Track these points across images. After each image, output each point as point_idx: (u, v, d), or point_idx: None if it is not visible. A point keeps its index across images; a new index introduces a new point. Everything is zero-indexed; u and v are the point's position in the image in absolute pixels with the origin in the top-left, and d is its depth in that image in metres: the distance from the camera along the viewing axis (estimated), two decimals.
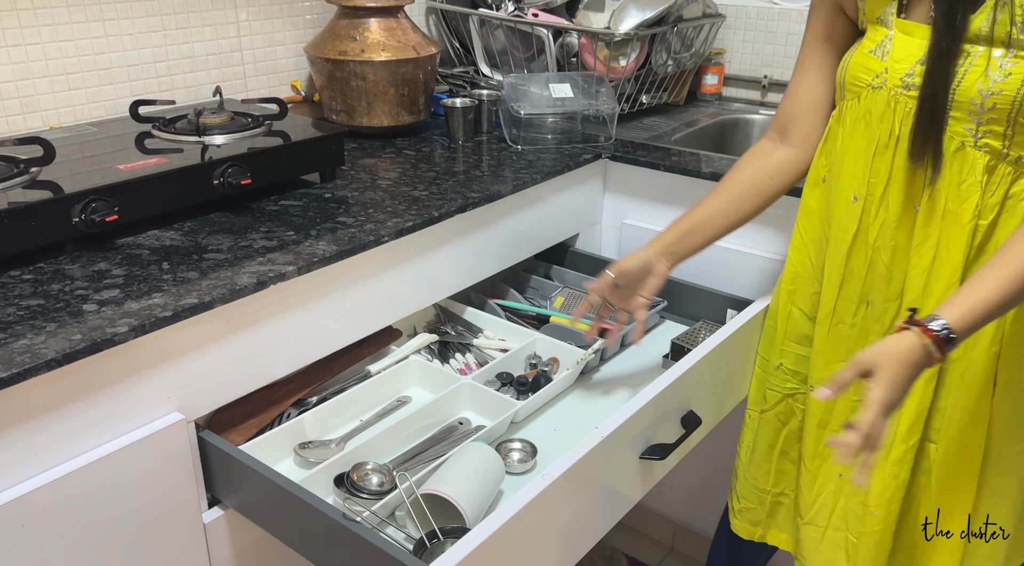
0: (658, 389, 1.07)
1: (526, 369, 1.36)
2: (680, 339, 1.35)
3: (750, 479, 1.30)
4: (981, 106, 0.94)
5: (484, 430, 1.14)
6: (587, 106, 1.67)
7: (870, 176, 1.05)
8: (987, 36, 0.93)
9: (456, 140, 1.67)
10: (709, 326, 1.39)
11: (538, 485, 0.89)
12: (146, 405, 1.00)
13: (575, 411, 1.27)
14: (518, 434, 1.21)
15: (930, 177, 0.99)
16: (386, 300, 1.27)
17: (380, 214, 1.27)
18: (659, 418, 1.10)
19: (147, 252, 1.13)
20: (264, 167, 1.30)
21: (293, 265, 1.09)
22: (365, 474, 1.06)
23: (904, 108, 1.00)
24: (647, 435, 1.09)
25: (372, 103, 1.65)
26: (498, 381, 1.29)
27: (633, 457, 1.08)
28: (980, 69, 0.94)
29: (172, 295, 1.00)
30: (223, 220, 1.25)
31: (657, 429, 1.11)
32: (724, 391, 1.28)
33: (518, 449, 1.17)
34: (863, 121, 1.05)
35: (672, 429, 1.15)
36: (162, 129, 1.36)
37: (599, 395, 1.31)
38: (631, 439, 1.05)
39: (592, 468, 0.98)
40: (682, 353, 1.33)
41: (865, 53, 1.05)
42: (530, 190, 1.47)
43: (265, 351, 1.11)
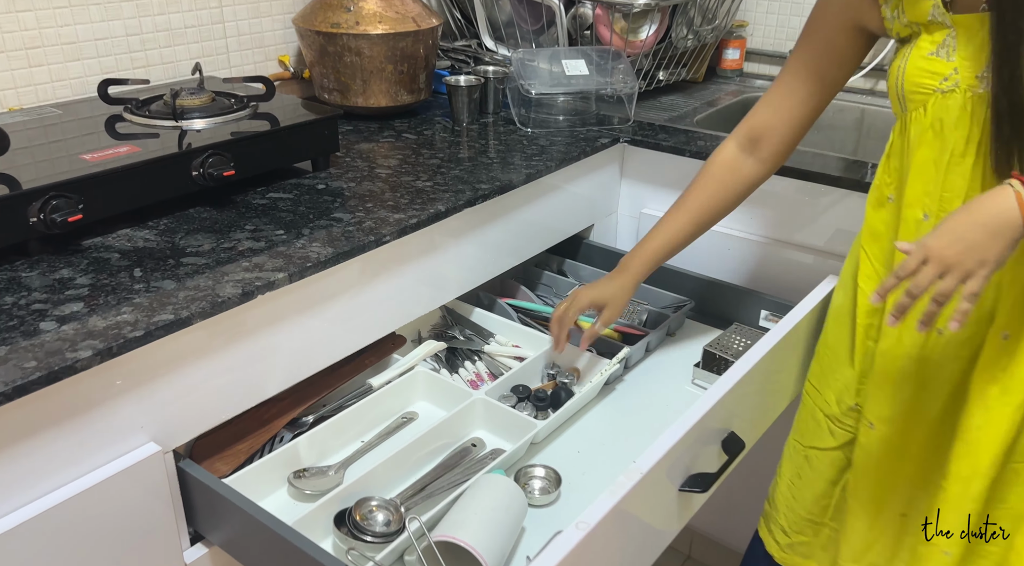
0: (700, 413, 0.95)
1: (543, 380, 1.23)
2: (714, 346, 1.23)
3: (800, 512, 1.19)
4: None
5: (502, 456, 1.02)
6: (604, 85, 1.53)
7: (943, 190, 0.93)
8: None
9: (460, 122, 1.53)
10: (743, 331, 1.27)
11: (573, 536, 0.77)
12: (116, 437, 0.87)
13: (600, 429, 1.15)
14: (538, 457, 1.09)
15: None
16: (388, 305, 1.14)
17: (380, 208, 1.14)
18: (699, 444, 0.98)
19: (116, 256, 0.99)
20: (250, 155, 1.16)
21: (283, 271, 0.96)
22: (369, 511, 0.94)
23: (984, 110, 0.88)
24: (686, 464, 0.97)
25: (368, 81, 1.50)
26: (514, 396, 1.16)
27: (672, 490, 0.96)
28: None
29: (144, 309, 0.87)
30: (203, 216, 1.11)
31: (697, 456, 0.99)
32: (765, 407, 1.16)
33: (540, 477, 1.04)
34: (931, 130, 0.93)
35: (712, 454, 1.03)
36: (134, 112, 1.21)
37: (625, 410, 1.19)
38: (669, 470, 0.93)
39: (629, 508, 0.87)
40: (714, 362, 1.22)
41: (925, 56, 0.92)
42: (544, 179, 1.33)
43: (252, 369, 0.98)
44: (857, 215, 1.31)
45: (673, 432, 0.92)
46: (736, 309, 1.37)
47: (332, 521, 0.92)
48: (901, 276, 0.83)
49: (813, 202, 1.36)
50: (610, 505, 0.81)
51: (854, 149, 1.78)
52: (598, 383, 1.16)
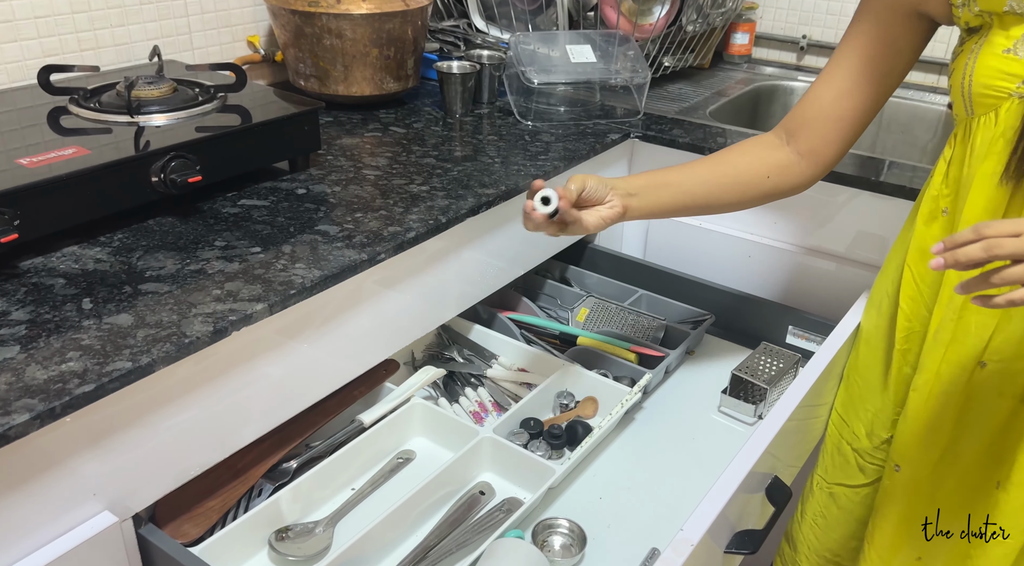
0: (748, 464, 0.82)
1: (556, 411, 1.10)
2: (742, 371, 1.10)
3: (824, 553, 1.09)
4: None
5: (519, 513, 0.88)
6: (612, 73, 1.39)
7: (1008, 210, 0.82)
8: None
9: (453, 113, 1.38)
10: (771, 352, 1.14)
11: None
12: (63, 508, 0.72)
13: (622, 469, 1.02)
14: (556, 506, 0.96)
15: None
16: (383, 329, 1.00)
17: (371, 219, 0.99)
18: (743, 494, 0.86)
19: (61, 282, 0.83)
20: (219, 157, 1.01)
21: (262, 301, 0.81)
22: None
23: None
24: (732, 521, 0.85)
25: (350, 67, 1.34)
26: (524, 432, 1.03)
27: (717, 553, 0.84)
28: None
29: (95, 355, 0.72)
30: (166, 230, 0.95)
31: (742, 509, 0.87)
32: (804, 444, 1.05)
33: (561, 533, 0.91)
34: (1003, 139, 0.81)
35: (756, 505, 0.91)
36: (82, 104, 1.05)
37: (648, 444, 1.06)
38: (716, 532, 0.81)
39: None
40: (743, 387, 1.09)
41: (999, 54, 0.79)
42: (551, 180, 1.19)
43: (225, 417, 0.84)
44: (878, 217, 1.20)
45: (722, 489, 0.79)
46: (760, 324, 1.25)
47: None
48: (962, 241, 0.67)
49: (829, 202, 1.24)
50: None
51: (871, 145, 1.66)
52: (618, 415, 1.03)
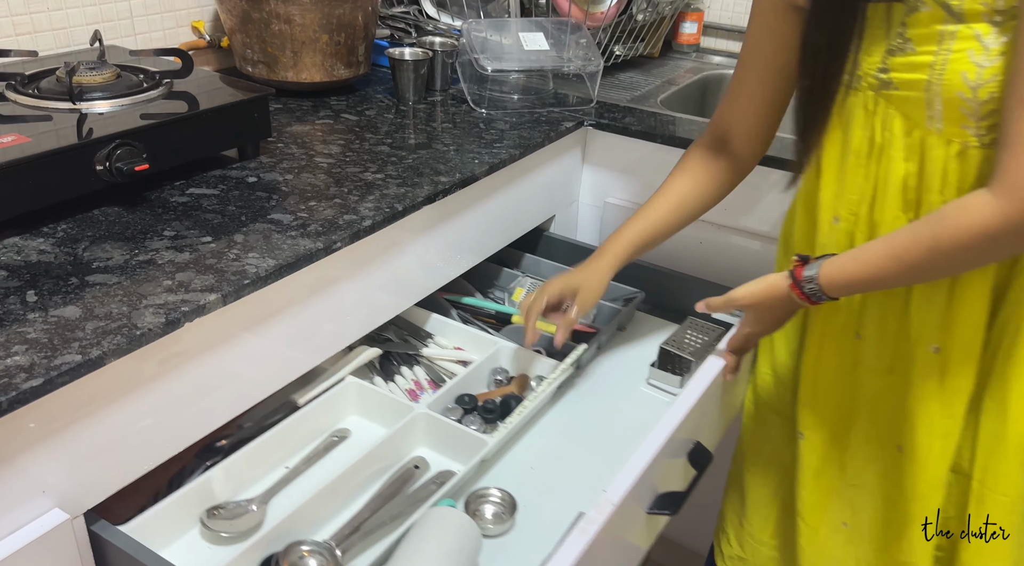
0: (669, 429, 0.86)
1: (491, 387, 1.11)
2: (670, 345, 1.13)
3: (745, 526, 1.12)
4: (975, 99, 0.74)
5: (450, 483, 0.90)
6: (564, 61, 1.39)
7: (851, 192, 0.87)
8: (959, 12, 0.72)
9: (406, 101, 1.37)
10: (698, 326, 1.18)
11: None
12: (12, 506, 0.70)
13: (553, 441, 1.04)
14: (488, 476, 0.97)
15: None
16: (339, 319, 0.99)
17: (326, 207, 0.98)
18: (666, 459, 0.90)
19: (3, 274, 0.81)
20: (166, 145, 0.98)
21: (216, 291, 0.80)
22: (300, 558, 0.81)
23: (884, 111, 0.81)
24: (654, 483, 0.88)
25: (299, 52, 1.32)
26: (459, 407, 1.04)
27: (640, 513, 0.87)
28: (962, 55, 0.73)
29: (42, 348, 0.70)
30: (112, 220, 0.93)
31: (664, 473, 0.90)
32: (726, 411, 1.09)
33: (493, 502, 0.93)
34: (840, 129, 0.86)
35: (679, 469, 0.94)
36: (20, 90, 1.01)
37: (579, 417, 1.08)
38: (639, 493, 0.84)
39: (601, 542, 0.77)
40: (671, 361, 1.12)
41: None
42: (507, 169, 1.19)
43: (178, 410, 0.82)
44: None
45: (643, 453, 0.83)
46: (689, 300, 1.27)
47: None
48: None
49: (759, 183, 1.27)
50: (581, 546, 0.72)
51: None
52: (550, 388, 1.05)
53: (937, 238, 0.75)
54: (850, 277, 0.83)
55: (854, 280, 0.83)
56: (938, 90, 0.75)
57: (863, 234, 0.87)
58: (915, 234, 0.77)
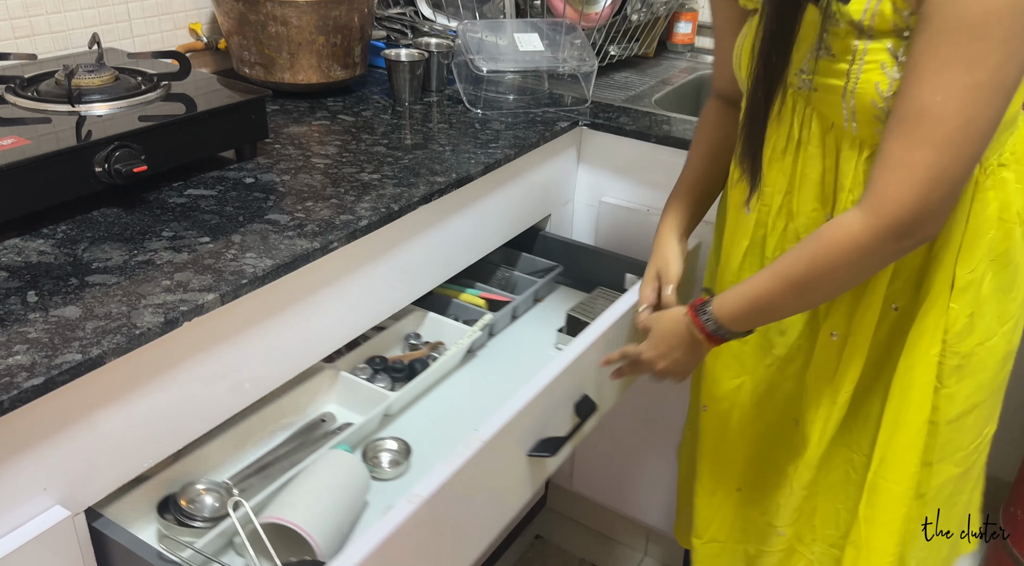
0: (549, 378, 0.90)
1: (405, 350, 1.17)
2: (576, 311, 1.20)
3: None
4: (886, 108, 0.76)
5: (349, 430, 0.96)
6: (559, 62, 1.40)
7: (766, 184, 0.91)
8: (869, 30, 0.74)
9: (402, 102, 1.38)
10: (607, 294, 1.24)
11: (404, 509, 0.73)
12: (14, 503, 0.71)
13: (457, 399, 1.11)
14: (390, 429, 1.03)
15: (746, 194, 0.90)
16: (336, 319, 1.00)
17: (322, 207, 0.99)
18: (551, 408, 0.94)
19: (4, 275, 0.82)
20: (164, 146, 0.99)
21: (214, 291, 0.81)
22: (196, 496, 0.87)
23: (803, 110, 0.85)
24: (537, 429, 0.92)
25: (296, 54, 1.33)
26: (369, 368, 1.11)
27: (521, 456, 0.91)
28: (875, 66, 0.75)
29: (43, 347, 0.71)
30: (111, 221, 0.94)
31: (549, 420, 0.94)
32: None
33: (390, 450, 1.00)
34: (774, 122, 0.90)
35: (566, 418, 0.98)
36: (19, 93, 1.02)
37: (485, 378, 1.15)
38: (518, 436, 0.89)
39: (471, 477, 0.81)
40: (579, 327, 1.14)
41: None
42: (503, 168, 1.20)
43: (177, 408, 0.83)
44: None
45: (519, 398, 0.87)
46: (603, 273, 1.33)
47: (155, 508, 0.86)
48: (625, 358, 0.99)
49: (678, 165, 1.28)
50: (445, 476, 0.77)
51: None
52: (457, 351, 1.12)
53: (814, 254, 0.78)
54: (740, 301, 0.85)
55: (745, 305, 0.84)
56: (852, 97, 0.77)
57: (776, 225, 0.91)
58: (795, 253, 0.80)
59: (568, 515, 1.82)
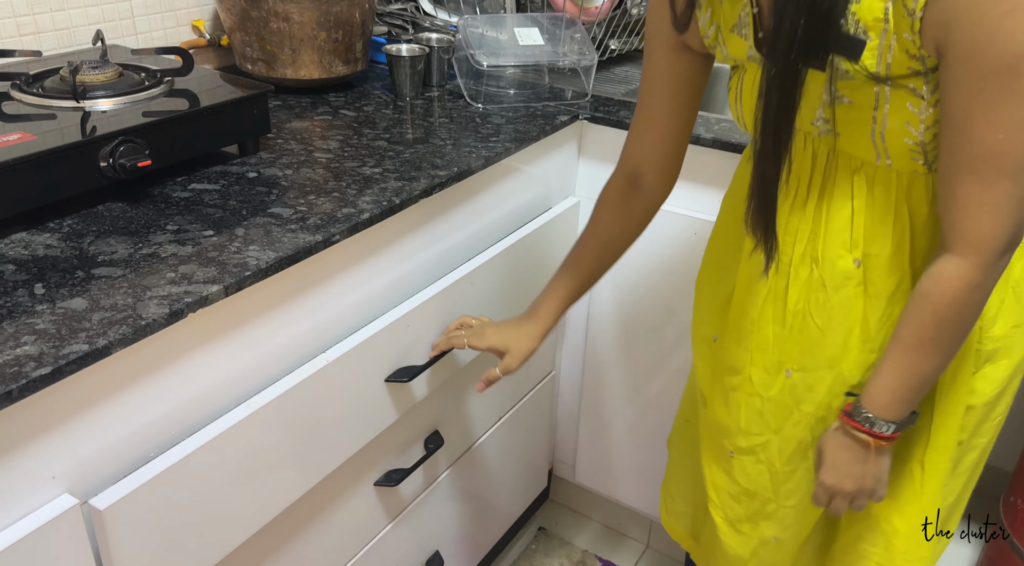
0: (407, 308, 1.05)
1: None
2: None
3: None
4: (922, 142, 0.76)
5: None
6: (559, 56, 1.41)
7: (786, 233, 0.89)
8: (887, 78, 0.73)
9: (403, 96, 1.39)
10: None
11: (240, 413, 0.85)
12: (23, 491, 0.72)
13: None
14: None
15: (763, 264, 0.86)
16: (338, 311, 1.01)
17: (324, 201, 1.00)
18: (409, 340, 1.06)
19: (12, 268, 0.83)
20: (167, 141, 1.00)
21: (218, 283, 0.82)
22: None
23: (826, 151, 0.84)
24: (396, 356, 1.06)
25: (298, 50, 1.34)
26: None
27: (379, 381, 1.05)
28: (901, 106, 0.75)
29: (51, 338, 0.72)
30: (116, 215, 0.95)
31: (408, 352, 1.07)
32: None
33: None
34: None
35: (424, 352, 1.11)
36: (24, 89, 1.03)
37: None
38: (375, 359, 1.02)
39: (319, 394, 0.95)
40: None
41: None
42: (502, 162, 1.21)
43: (182, 399, 0.84)
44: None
45: (372, 327, 1.05)
46: None
47: None
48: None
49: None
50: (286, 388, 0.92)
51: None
52: None
53: (936, 311, 0.78)
54: (891, 387, 0.82)
55: (898, 388, 0.82)
56: (883, 137, 0.77)
57: (799, 273, 0.88)
58: (916, 318, 0.80)
59: (571, 507, 1.83)
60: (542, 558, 1.73)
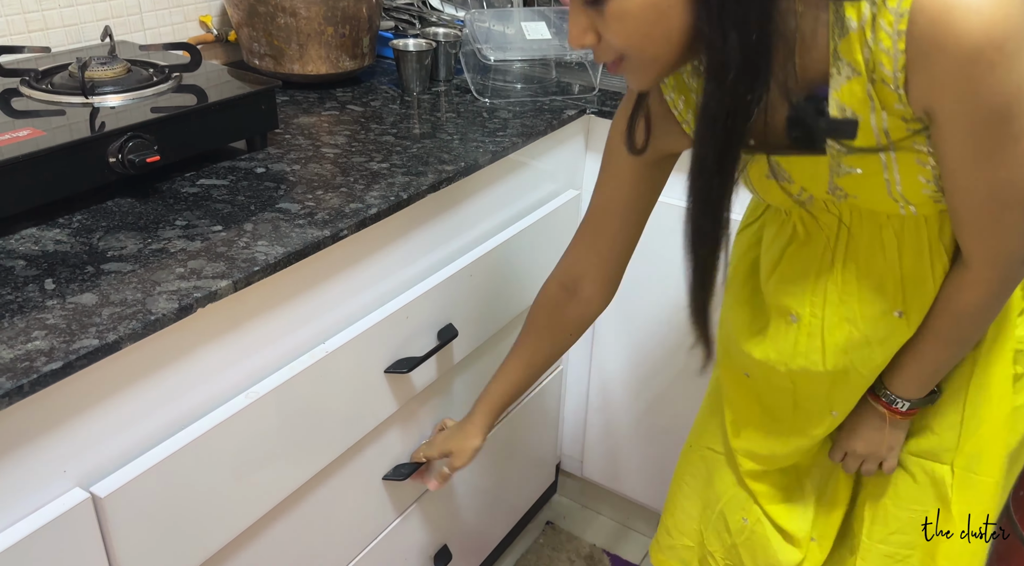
0: (404, 300, 1.05)
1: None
2: None
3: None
4: (940, 188, 0.75)
5: None
6: (568, 50, 1.41)
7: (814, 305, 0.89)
8: (889, 144, 0.72)
9: (410, 91, 1.39)
10: None
11: (239, 402, 0.86)
12: (35, 485, 0.73)
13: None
14: None
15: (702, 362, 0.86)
16: (346, 306, 1.01)
17: (332, 196, 1.00)
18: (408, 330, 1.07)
19: (22, 263, 0.83)
20: (176, 137, 1.01)
21: (227, 278, 0.82)
22: None
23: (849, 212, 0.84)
24: (394, 348, 1.07)
25: (305, 45, 1.34)
26: None
27: (378, 373, 1.06)
28: (910, 164, 0.73)
29: (61, 333, 0.72)
30: (125, 210, 0.95)
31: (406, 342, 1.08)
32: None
33: None
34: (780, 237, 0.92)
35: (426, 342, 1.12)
36: (33, 85, 1.03)
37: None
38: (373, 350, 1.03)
39: (316, 385, 0.96)
40: None
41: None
42: (511, 156, 1.21)
43: (191, 393, 0.85)
44: None
45: (369, 318, 1.05)
46: None
47: None
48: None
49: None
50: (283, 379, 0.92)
51: None
52: None
53: (957, 315, 0.83)
54: (918, 374, 0.89)
55: (925, 376, 0.89)
56: (901, 193, 0.76)
57: (835, 338, 0.87)
58: (938, 318, 0.84)
59: (579, 502, 1.83)
60: (550, 552, 1.74)
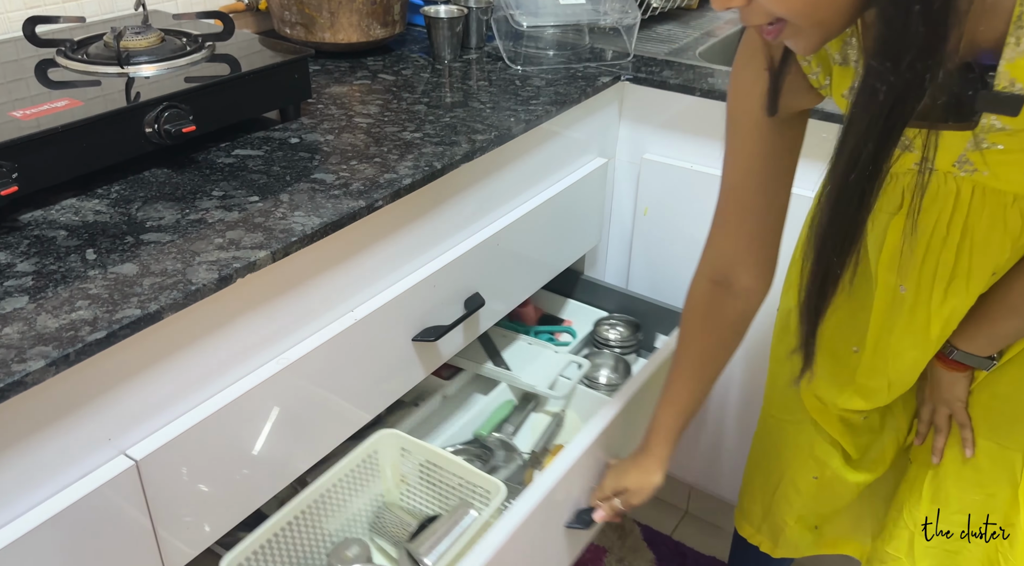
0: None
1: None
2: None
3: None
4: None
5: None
6: (601, 15, 1.38)
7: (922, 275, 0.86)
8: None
9: (442, 59, 1.38)
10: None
11: (270, 369, 0.88)
12: (81, 453, 0.74)
13: None
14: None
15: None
16: (381, 276, 1.01)
17: (366, 166, 1.00)
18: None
19: (63, 234, 0.84)
20: (211, 107, 1.00)
21: (265, 248, 0.82)
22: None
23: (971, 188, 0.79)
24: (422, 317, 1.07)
25: (336, 13, 1.33)
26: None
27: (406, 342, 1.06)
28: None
29: (104, 303, 0.73)
30: (162, 181, 0.96)
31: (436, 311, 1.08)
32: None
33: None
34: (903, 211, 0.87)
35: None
36: (69, 56, 1.04)
37: None
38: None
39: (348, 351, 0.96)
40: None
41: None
42: (544, 125, 1.20)
43: (232, 362, 0.85)
44: None
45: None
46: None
47: None
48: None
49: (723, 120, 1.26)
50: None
51: None
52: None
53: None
54: (990, 341, 0.89)
55: (997, 342, 0.89)
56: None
57: (940, 311, 0.85)
58: (1015, 284, 0.83)
59: None
60: None
